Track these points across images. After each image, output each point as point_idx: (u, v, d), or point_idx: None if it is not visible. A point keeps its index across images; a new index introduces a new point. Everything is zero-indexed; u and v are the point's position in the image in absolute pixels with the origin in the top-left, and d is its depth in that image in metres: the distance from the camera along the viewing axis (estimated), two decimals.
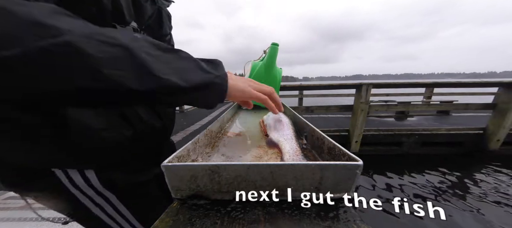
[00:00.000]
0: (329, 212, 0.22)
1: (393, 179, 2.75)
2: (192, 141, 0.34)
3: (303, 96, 6.15)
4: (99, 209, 0.40)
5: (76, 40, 0.20)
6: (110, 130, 0.36)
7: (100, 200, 0.39)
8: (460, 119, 4.23)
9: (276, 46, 0.79)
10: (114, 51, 0.22)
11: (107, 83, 0.21)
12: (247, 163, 0.23)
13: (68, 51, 0.19)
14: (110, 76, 0.21)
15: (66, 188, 0.36)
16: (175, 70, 0.26)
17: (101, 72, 0.21)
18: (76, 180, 0.36)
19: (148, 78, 0.23)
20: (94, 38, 0.21)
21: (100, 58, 0.21)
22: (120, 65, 0.22)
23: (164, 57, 0.26)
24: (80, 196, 0.37)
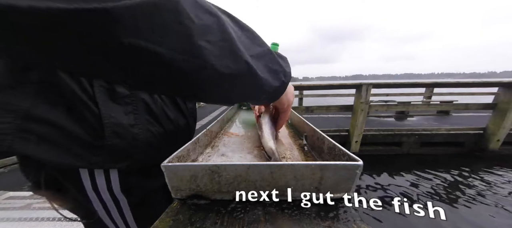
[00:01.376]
0: (329, 212, 0.22)
1: (393, 179, 2.75)
2: (192, 141, 0.34)
3: (303, 96, 6.16)
4: (105, 213, 0.40)
5: (183, 1, 0.17)
6: (138, 126, 0.36)
7: (110, 204, 0.39)
8: (460, 119, 4.24)
9: (276, 45, 0.79)
10: (210, 20, 0.20)
11: (197, 55, 0.19)
12: (247, 163, 0.23)
13: (174, 11, 0.17)
14: (199, 47, 0.19)
15: (84, 190, 0.36)
16: (268, 68, 0.25)
17: (195, 41, 0.19)
18: (98, 181, 0.36)
19: (230, 57, 0.21)
20: (197, 2, 0.19)
21: (197, 24, 0.19)
22: (210, 37, 0.20)
23: (243, 36, 0.24)
24: (94, 200, 0.37)
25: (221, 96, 0.26)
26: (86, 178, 0.35)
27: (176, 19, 0.17)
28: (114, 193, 0.38)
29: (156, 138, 0.39)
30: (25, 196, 1.61)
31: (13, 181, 1.99)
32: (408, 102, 4.14)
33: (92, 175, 0.36)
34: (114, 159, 0.35)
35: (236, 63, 0.22)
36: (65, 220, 0.45)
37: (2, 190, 1.74)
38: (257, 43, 0.25)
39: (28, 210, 1.40)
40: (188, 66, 0.20)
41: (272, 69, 0.26)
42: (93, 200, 0.37)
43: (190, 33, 0.18)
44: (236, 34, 0.22)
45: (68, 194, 0.37)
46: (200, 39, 0.19)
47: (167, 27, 0.17)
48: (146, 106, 0.37)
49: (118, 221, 0.41)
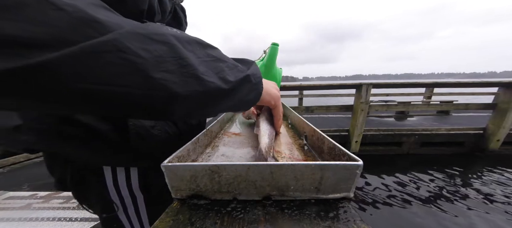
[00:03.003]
0: (329, 212, 0.22)
1: (393, 179, 2.75)
2: (192, 141, 0.34)
3: (303, 96, 6.15)
4: (123, 210, 0.42)
5: (121, 38, 0.17)
6: (157, 128, 0.38)
7: (128, 200, 0.41)
8: (460, 119, 4.24)
9: (276, 46, 0.79)
10: (161, 49, 0.19)
11: (153, 90, 0.19)
12: (247, 163, 0.23)
13: (113, 51, 0.17)
14: (158, 80, 0.19)
15: (106, 186, 0.39)
16: (216, 71, 0.24)
17: (148, 76, 0.18)
18: (119, 178, 0.39)
19: (193, 80, 0.21)
20: (140, 34, 0.19)
21: (147, 58, 0.18)
22: (166, 67, 0.19)
23: (205, 55, 0.24)
24: (113, 195, 0.40)
25: (199, 114, 0.26)
26: (108, 175, 0.38)
27: (120, 57, 0.17)
28: (132, 190, 0.40)
29: (173, 138, 0.41)
30: (25, 196, 1.61)
31: (13, 181, 1.99)
32: (408, 102, 4.14)
33: (114, 172, 0.38)
34: (136, 159, 0.38)
35: (202, 85, 0.22)
36: (65, 220, 0.46)
37: (2, 190, 1.74)
38: (219, 58, 0.26)
39: (28, 210, 1.40)
40: (152, 100, 0.20)
41: (240, 78, 0.27)
42: (113, 195, 0.40)
43: (142, 68, 0.18)
44: (195, 55, 0.22)
45: (89, 189, 0.40)
46: (156, 71, 0.19)
47: (113, 66, 0.17)
48: None
49: (133, 218, 0.44)
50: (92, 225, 1.20)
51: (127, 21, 0.19)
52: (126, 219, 0.43)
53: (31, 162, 2.55)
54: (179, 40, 0.21)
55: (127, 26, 0.18)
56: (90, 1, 0.18)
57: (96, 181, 0.38)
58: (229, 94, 0.26)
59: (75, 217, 1.27)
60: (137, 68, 0.18)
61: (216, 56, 0.25)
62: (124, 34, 0.17)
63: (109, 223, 0.44)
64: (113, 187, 0.39)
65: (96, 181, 0.38)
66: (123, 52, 0.17)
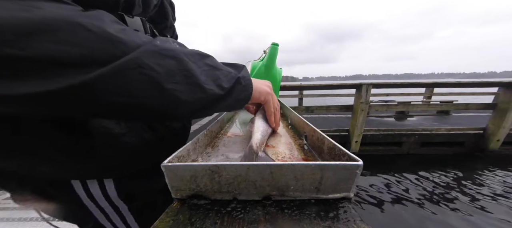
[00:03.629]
0: (329, 212, 0.22)
1: (393, 179, 2.75)
2: (192, 141, 0.34)
3: (303, 96, 6.16)
4: (107, 220, 0.39)
5: (141, 56, 0.20)
6: (130, 134, 0.35)
7: (110, 210, 0.38)
8: (460, 119, 4.24)
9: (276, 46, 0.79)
10: (171, 63, 0.22)
11: (165, 98, 0.22)
12: (247, 163, 0.23)
13: (135, 68, 0.20)
14: (169, 91, 0.22)
15: (79, 199, 0.35)
16: (213, 79, 0.27)
17: (162, 88, 0.22)
18: (93, 190, 0.35)
19: (197, 89, 0.25)
20: (154, 51, 0.21)
21: (160, 73, 0.21)
22: (176, 79, 0.23)
23: (204, 65, 0.27)
24: (91, 207, 0.37)
25: (199, 115, 0.30)
26: (78, 188, 0.34)
27: (141, 73, 0.20)
28: (112, 200, 0.37)
29: (149, 144, 0.38)
30: None
31: None
32: (408, 102, 4.14)
33: (84, 185, 0.34)
34: (104, 170, 0.34)
35: (203, 92, 0.25)
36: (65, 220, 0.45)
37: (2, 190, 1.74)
38: (215, 66, 0.29)
39: (28, 210, 1.40)
40: (165, 107, 0.23)
41: (233, 83, 0.30)
42: (91, 207, 0.36)
43: (157, 81, 0.21)
44: (197, 66, 0.26)
45: (62, 206, 0.36)
46: (168, 83, 0.22)
47: (136, 82, 0.20)
48: None
49: (119, 224, 0.40)
50: None
51: (141, 37, 0.22)
52: (112, 227, 0.40)
53: None
54: (185, 54, 0.24)
55: (144, 44, 0.21)
56: (110, 19, 0.21)
57: (66, 197, 0.34)
58: (224, 98, 0.29)
59: None
60: (153, 82, 0.21)
61: (213, 65, 0.28)
62: (143, 52, 0.20)
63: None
64: (89, 199, 0.35)
65: (66, 197, 0.34)
66: (143, 68, 0.20)
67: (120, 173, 0.36)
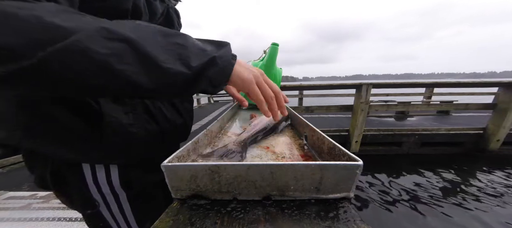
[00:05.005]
0: (329, 212, 0.22)
1: (393, 179, 2.75)
2: (192, 141, 0.34)
3: (303, 96, 6.16)
4: (105, 207, 0.42)
5: (83, 39, 0.20)
6: (136, 125, 0.38)
7: (110, 198, 0.41)
8: (460, 119, 4.23)
9: (276, 46, 0.79)
10: (120, 46, 0.22)
11: (118, 79, 0.23)
12: (247, 163, 0.23)
13: (77, 51, 0.20)
14: (120, 72, 0.22)
15: (86, 183, 0.38)
16: (180, 57, 0.26)
17: (111, 69, 0.22)
18: (99, 175, 0.39)
19: (152, 68, 0.24)
20: (100, 34, 0.22)
21: (108, 55, 0.21)
22: (127, 59, 0.23)
23: (168, 43, 0.26)
24: (94, 193, 0.40)
25: (168, 96, 0.32)
26: (87, 171, 0.38)
27: (84, 55, 0.21)
28: (113, 187, 0.40)
29: (153, 136, 0.41)
30: (25, 196, 1.61)
31: (13, 181, 1.99)
32: (408, 102, 4.13)
33: (93, 169, 0.38)
34: (112, 156, 0.38)
35: (162, 71, 0.24)
36: (65, 220, 0.46)
37: (2, 190, 1.74)
38: (183, 44, 0.27)
39: (28, 210, 1.40)
40: (120, 87, 0.24)
41: (204, 61, 0.27)
42: (94, 192, 0.39)
43: (104, 62, 0.22)
44: (156, 45, 0.25)
45: (70, 186, 0.39)
46: (118, 64, 0.22)
47: (80, 63, 0.21)
48: (144, 106, 0.40)
49: (117, 215, 0.43)
50: None
51: (91, 23, 0.22)
52: (110, 216, 0.43)
53: None
54: (138, 35, 0.24)
55: (88, 29, 0.21)
56: (55, 8, 0.21)
57: (76, 178, 0.38)
58: (194, 78, 0.27)
59: (75, 217, 1.27)
60: (100, 63, 0.21)
61: (181, 43, 0.27)
62: (84, 36, 0.21)
63: (94, 221, 0.44)
64: (94, 184, 0.39)
65: (76, 178, 0.38)
66: (85, 51, 0.20)
67: (125, 160, 0.40)
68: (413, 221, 1.95)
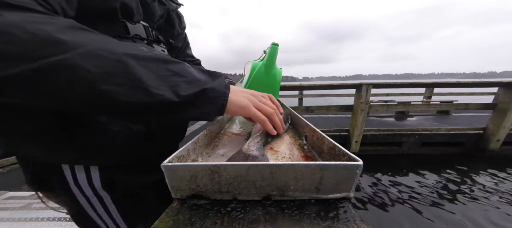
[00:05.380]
0: (329, 212, 0.22)
1: (393, 179, 2.75)
2: (192, 141, 0.34)
3: (303, 96, 6.16)
4: (91, 208, 0.40)
5: (77, 56, 0.21)
6: (118, 124, 0.37)
7: (94, 200, 0.40)
8: (460, 119, 4.24)
9: (276, 46, 0.79)
10: (113, 65, 0.23)
11: (100, 99, 0.23)
12: (247, 163, 0.23)
13: (68, 67, 0.21)
14: (106, 92, 0.23)
15: (68, 185, 0.37)
16: (171, 85, 0.26)
17: (98, 88, 0.22)
18: (79, 177, 0.37)
19: (141, 92, 0.24)
20: (97, 53, 0.22)
21: (97, 74, 0.22)
22: (117, 80, 0.23)
23: (163, 70, 0.26)
24: (77, 194, 0.38)
25: (153, 120, 0.31)
26: (68, 173, 0.37)
27: (72, 72, 0.21)
28: (96, 189, 0.39)
29: (137, 136, 0.39)
30: (25, 196, 1.61)
31: (13, 181, 1.99)
32: (408, 102, 4.13)
33: (72, 170, 0.37)
34: (89, 156, 0.36)
35: (150, 96, 0.25)
36: (65, 220, 0.46)
37: (2, 190, 1.74)
38: (178, 72, 0.28)
39: (28, 210, 1.40)
40: (102, 107, 0.24)
41: (194, 92, 0.28)
42: (77, 194, 0.38)
43: (91, 81, 0.22)
44: (149, 71, 0.25)
45: (52, 188, 0.39)
46: (104, 84, 0.22)
47: (64, 80, 0.21)
48: None
49: (104, 216, 0.42)
50: None
51: (93, 39, 0.23)
52: (97, 217, 0.41)
53: None
54: (134, 58, 0.24)
55: (88, 46, 0.22)
56: (64, 24, 0.22)
57: (56, 180, 0.37)
58: (182, 106, 0.27)
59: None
60: (86, 81, 0.22)
61: (176, 71, 0.27)
62: (81, 53, 0.21)
63: (82, 222, 0.43)
64: (75, 186, 0.37)
65: (56, 180, 0.37)
66: (75, 68, 0.21)
67: (105, 161, 0.38)
68: (413, 221, 1.95)
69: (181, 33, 0.61)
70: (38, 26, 0.20)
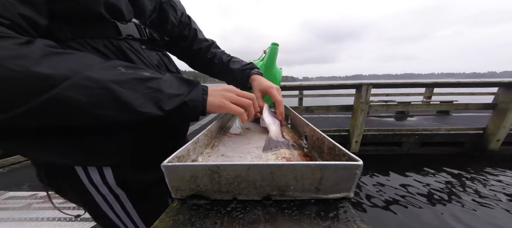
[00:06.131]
0: (329, 212, 0.22)
1: (393, 179, 2.75)
2: (192, 141, 0.34)
3: (303, 96, 6.16)
4: (108, 206, 0.41)
5: (67, 89, 0.24)
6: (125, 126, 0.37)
7: (111, 198, 0.41)
8: (460, 119, 4.24)
9: (276, 46, 0.79)
10: (100, 93, 0.26)
11: (99, 120, 0.27)
12: (247, 163, 0.23)
13: (63, 100, 0.24)
14: (101, 115, 0.27)
15: (83, 184, 0.38)
16: (154, 101, 0.30)
17: (92, 113, 0.26)
18: (93, 177, 0.38)
19: (130, 112, 0.28)
20: (83, 83, 0.25)
21: (89, 102, 0.25)
22: (107, 105, 0.27)
23: (145, 88, 0.30)
24: (94, 193, 0.39)
25: (152, 129, 0.39)
26: (81, 172, 0.37)
27: (64, 105, 0.24)
28: (111, 187, 0.39)
29: (143, 136, 0.40)
30: (25, 196, 1.61)
31: (13, 181, 1.99)
32: (408, 102, 4.13)
33: (86, 171, 0.37)
34: (98, 157, 0.37)
35: (138, 114, 0.29)
36: (65, 220, 0.46)
37: (2, 190, 1.74)
38: (158, 89, 0.31)
39: (28, 210, 1.40)
40: (101, 123, 0.28)
41: (176, 105, 0.32)
42: (93, 194, 0.39)
43: (85, 107, 0.26)
44: (133, 92, 0.29)
45: (66, 187, 0.39)
46: (98, 109, 0.26)
47: (62, 109, 0.25)
48: None
49: (121, 214, 0.43)
50: (92, 225, 1.20)
51: (73, 67, 0.25)
52: (115, 216, 0.42)
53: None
54: (117, 83, 0.27)
55: (73, 77, 0.24)
56: (41, 52, 0.23)
57: (70, 179, 0.37)
58: (168, 117, 0.32)
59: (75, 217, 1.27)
60: (82, 108, 0.25)
61: (157, 88, 0.31)
62: (67, 87, 0.24)
63: (102, 222, 0.44)
64: (91, 185, 0.38)
65: (70, 179, 0.37)
66: (66, 101, 0.24)
67: (115, 161, 0.38)
68: (413, 221, 1.95)
69: (178, 22, 0.58)
70: (13, 62, 0.21)
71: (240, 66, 0.65)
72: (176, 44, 0.62)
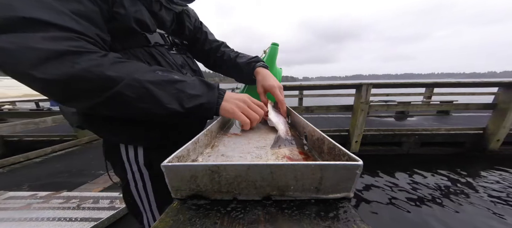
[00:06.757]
0: (329, 212, 0.22)
1: (393, 179, 2.75)
2: (192, 141, 0.34)
3: (303, 96, 6.16)
4: (134, 182, 0.52)
5: (123, 88, 0.34)
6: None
7: (137, 175, 0.52)
8: (460, 119, 4.24)
9: (276, 46, 0.79)
10: (142, 91, 0.35)
11: (140, 112, 0.37)
12: (247, 163, 0.23)
13: (120, 94, 0.34)
14: (141, 108, 0.36)
15: (122, 160, 0.50)
16: (179, 100, 0.38)
17: (136, 106, 0.36)
18: (130, 154, 0.50)
19: (160, 107, 0.37)
20: (132, 83, 0.34)
21: (135, 98, 0.35)
22: (146, 101, 0.36)
23: (172, 89, 0.38)
24: (127, 167, 0.51)
25: (176, 120, 0.47)
26: (123, 150, 0.50)
27: (121, 99, 0.35)
28: (139, 165, 0.51)
29: (169, 125, 0.50)
30: (25, 196, 1.61)
31: (13, 181, 1.99)
32: (408, 102, 4.13)
33: (126, 148, 0.50)
34: (136, 138, 0.49)
35: (165, 109, 0.37)
36: (65, 220, 0.48)
37: (2, 190, 1.74)
38: (182, 90, 0.39)
39: (28, 210, 1.40)
40: (148, 117, 0.39)
41: (195, 105, 0.40)
42: (128, 168, 0.51)
43: (133, 102, 0.35)
44: (164, 92, 0.37)
45: (114, 160, 0.52)
46: (140, 103, 0.36)
47: (121, 102, 0.35)
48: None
49: (142, 193, 0.53)
50: (92, 225, 1.20)
51: (128, 71, 0.34)
52: (136, 193, 0.53)
53: (31, 162, 2.55)
54: (153, 83, 0.36)
55: (126, 79, 0.34)
56: (109, 62, 0.33)
57: (116, 154, 0.50)
58: (187, 114, 0.39)
59: (75, 217, 1.27)
60: (131, 103, 0.35)
61: (181, 89, 0.39)
62: (123, 86, 0.33)
63: (125, 194, 0.55)
64: (127, 161, 0.50)
65: (116, 154, 0.50)
66: (122, 95, 0.34)
67: (147, 143, 0.50)
68: (413, 221, 1.95)
69: (194, 28, 0.67)
70: (97, 68, 0.31)
71: (246, 60, 0.70)
72: (193, 46, 0.71)
